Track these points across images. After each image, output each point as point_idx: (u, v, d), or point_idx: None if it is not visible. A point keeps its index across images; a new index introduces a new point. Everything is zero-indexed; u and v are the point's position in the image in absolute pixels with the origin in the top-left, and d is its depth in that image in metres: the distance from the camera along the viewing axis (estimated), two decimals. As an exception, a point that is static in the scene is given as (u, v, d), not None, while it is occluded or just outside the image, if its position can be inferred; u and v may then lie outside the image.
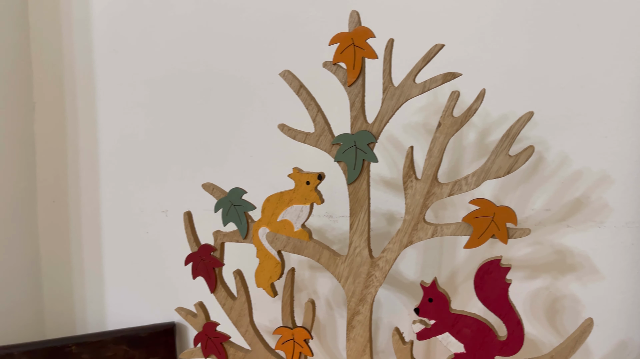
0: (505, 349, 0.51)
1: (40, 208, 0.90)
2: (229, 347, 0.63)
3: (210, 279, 0.62)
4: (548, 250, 0.63)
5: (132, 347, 0.77)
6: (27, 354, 0.73)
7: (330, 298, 0.74)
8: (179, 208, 0.81)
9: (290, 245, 0.58)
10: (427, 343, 0.69)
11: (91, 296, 0.88)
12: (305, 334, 0.59)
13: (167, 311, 0.83)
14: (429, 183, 0.52)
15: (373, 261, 0.55)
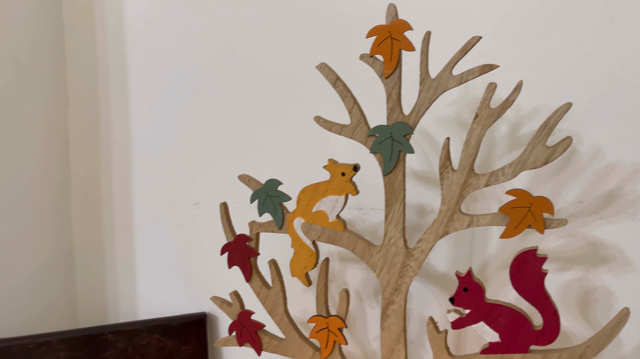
0: (541, 338, 0.52)
1: (73, 200, 0.92)
2: (263, 335, 0.64)
3: (246, 268, 0.64)
4: (580, 242, 0.63)
5: (165, 336, 0.79)
6: (64, 341, 0.75)
7: (361, 289, 0.75)
8: (210, 201, 0.82)
9: (325, 235, 0.59)
10: (458, 333, 0.70)
11: (123, 286, 0.90)
12: (339, 323, 0.60)
13: (198, 302, 0.84)
14: (465, 174, 0.52)
15: (408, 252, 0.56)
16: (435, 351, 0.57)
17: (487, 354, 0.54)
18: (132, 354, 0.77)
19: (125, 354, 0.77)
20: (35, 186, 0.85)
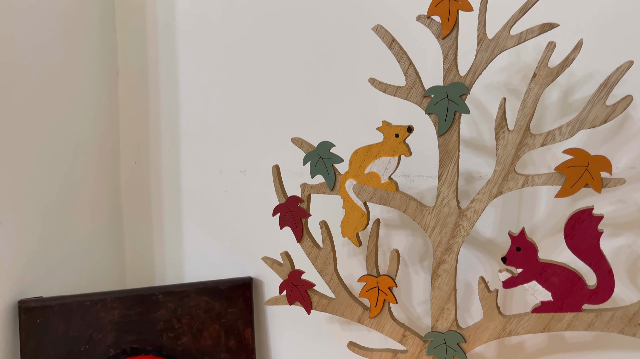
0: (595, 297, 0.52)
1: (123, 169, 0.95)
2: (313, 294, 0.66)
3: (297, 229, 0.65)
4: (632, 207, 0.63)
5: (213, 298, 0.81)
6: (118, 300, 0.78)
7: (406, 255, 0.76)
8: (257, 168, 0.84)
9: (377, 196, 0.60)
10: (505, 296, 0.70)
11: (170, 252, 0.92)
12: (390, 282, 0.61)
13: (243, 268, 0.86)
14: (521, 134, 0.53)
15: (461, 212, 0.57)
16: (486, 310, 0.58)
17: (538, 313, 0.55)
18: (181, 315, 0.80)
19: (175, 315, 0.80)
20: (87, 156, 0.88)
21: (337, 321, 0.81)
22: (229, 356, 0.82)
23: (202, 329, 0.81)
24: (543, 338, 0.68)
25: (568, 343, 0.67)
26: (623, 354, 0.64)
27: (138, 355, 0.79)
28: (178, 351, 0.80)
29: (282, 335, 0.85)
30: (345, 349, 0.80)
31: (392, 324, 0.63)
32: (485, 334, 0.58)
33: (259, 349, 0.86)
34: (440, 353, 0.60)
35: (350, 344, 0.67)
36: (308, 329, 0.83)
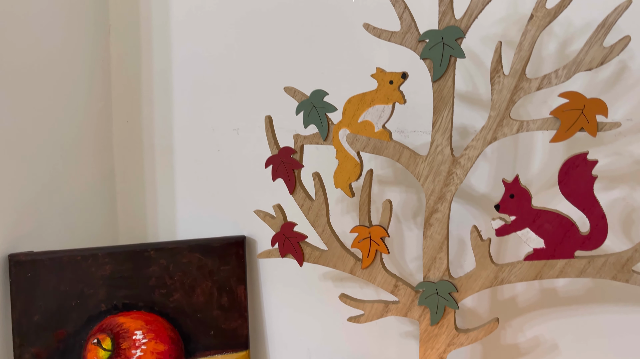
0: (588, 243, 0.52)
1: (115, 127, 0.93)
2: (305, 247, 0.66)
3: (290, 180, 0.65)
4: (627, 160, 0.62)
5: (205, 256, 0.81)
6: (110, 256, 0.77)
7: (399, 212, 0.75)
8: (250, 126, 0.83)
9: (371, 145, 0.60)
10: (498, 246, 0.70)
11: (163, 211, 0.92)
12: (382, 232, 0.61)
13: (236, 226, 0.86)
14: (517, 78, 0.52)
15: (455, 159, 0.56)
16: (478, 258, 0.57)
17: (531, 261, 0.55)
18: (173, 271, 0.80)
19: (167, 271, 0.79)
20: (78, 114, 0.87)
21: (330, 278, 0.81)
22: (221, 313, 0.82)
23: (194, 286, 0.81)
24: (535, 293, 0.68)
25: (560, 297, 0.67)
26: (615, 308, 0.65)
27: (130, 311, 0.78)
28: (170, 307, 0.80)
29: (275, 293, 0.85)
30: (337, 305, 0.80)
31: (384, 275, 0.62)
32: (477, 283, 0.58)
33: (251, 306, 0.86)
34: (432, 302, 0.60)
35: (342, 296, 0.67)
36: (301, 287, 0.83)
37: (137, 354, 0.78)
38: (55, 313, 0.75)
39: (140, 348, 0.78)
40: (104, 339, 0.77)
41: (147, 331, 0.78)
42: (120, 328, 0.77)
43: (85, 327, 0.76)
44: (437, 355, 0.61)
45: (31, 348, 0.74)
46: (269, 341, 0.86)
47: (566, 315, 0.67)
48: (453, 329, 0.60)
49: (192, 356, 0.80)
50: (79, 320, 0.76)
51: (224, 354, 0.81)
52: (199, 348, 0.81)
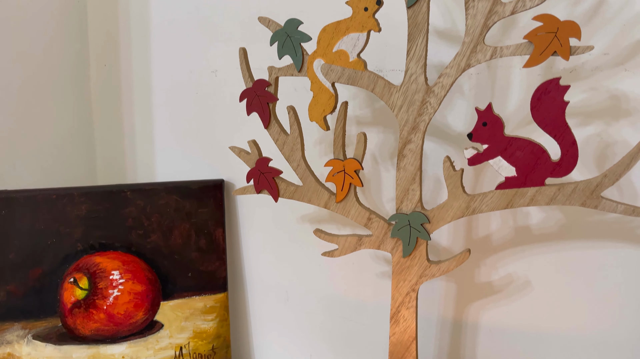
0: (558, 170, 0.52)
1: (92, 72, 0.92)
2: (280, 182, 0.65)
3: (265, 114, 0.64)
4: (603, 95, 0.62)
5: (183, 198, 0.81)
6: (86, 195, 0.77)
7: (376, 152, 0.75)
8: (228, 68, 0.82)
9: (345, 76, 0.59)
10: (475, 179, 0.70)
11: (142, 156, 0.91)
12: (356, 164, 0.61)
13: (215, 170, 0.86)
14: (491, 2, 0.51)
15: (428, 88, 0.56)
16: (451, 189, 0.57)
17: (502, 190, 0.55)
18: (150, 213, 0.79)
19: (145, 212, 0.79)
20: (54, 57, 0.85)
21: (307, 221, 0.81)
22: (199, 255, 0.82)
23: (172, 227, 0.80)
24: (509, 231, 0.69)
25: (534, 234, 0.67)
26: (586, 244, 0.65)
27: (106, 251, 0.78)
28: (147, 248, 0.80)
29: (254, 237, 0.85)
30: (315, 248, 0.80)
31: (358, 208, 0.62)
32: (449, 213, 0.58)
33: (230, 249, 0.86)
34: (404, 234, 0.60)
35: (317, 231, 0.67)
36: (279, 232, 0.83)
37: (115, 294, 0.78)
38: (30, 252, 0.75)
39: (117, 288, 0.78)
40: (80, 279, 0.77)
41: (124, 272, 0.79)
42: (97, 267, 0.78)
43: (61, 266, 0.76)
44: (409, 287, 0.61)
45: (6, 285, 0.74)
46: (247, 284, 0.87)
47: (539, 252, 0.67)
48: (425, 260, 0.60)
49: (170, 297, 0.81)
50: (55, 259, 0.76)
51: (202, 296, 0.82)
52: (177, 289, 0.81)
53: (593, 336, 0.66)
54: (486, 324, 0.72)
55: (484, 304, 0.71)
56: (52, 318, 0.76)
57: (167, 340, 0.80)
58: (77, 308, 0.77)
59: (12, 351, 0.74)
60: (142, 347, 0.80)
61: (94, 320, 0.77)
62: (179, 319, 0.81)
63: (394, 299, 0.63)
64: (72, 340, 0.77)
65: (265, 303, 0.86)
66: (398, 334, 0.63)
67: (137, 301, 0.79)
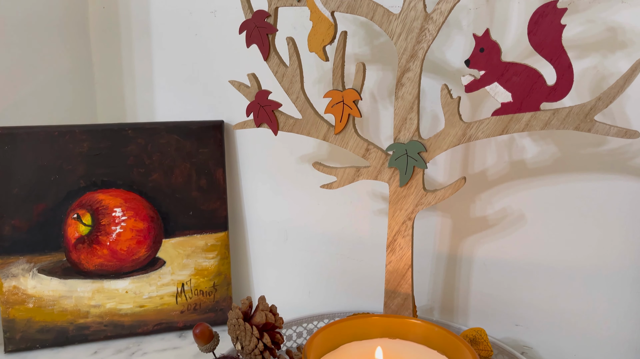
0: (553, 94, 0.53)
1: (91, 14, 0.92)
2: (279, 115, 0.66)
3: (264, 46, 0.64)
4: (600, 27, 0.63)
5: (184, 138, 0.81)
6: (88, 133, 0.78)
7: (375, 90, 0.76)
8: (228, 8, 0.82)
9: (345, 4, 0.59)
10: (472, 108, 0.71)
11: (141, 97, 0.92)
12: (355, 95, 0.62)
13: (215, 111, 0.86)
14: None
15: (427, 15, 0.56)
16: (448, 116, 0.58)
17: (498, 116, 0.56)
18: (152, 152, 0.80)
19: (146, 151, 0.80)
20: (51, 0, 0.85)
21: (307, 160, 0.82)
22: (200, 195, 0.83)
23: (172, 167, 0.82)
24: (504, 166, 0.70)
25: (528, 168, 0.69)
26: (580, 177, 0.66)
27: (108, 188, 0.80)
28: (149, 187, 0.81)
29: (254, 178, 0.87)
30: (314, 188, 0.82)
31: (356, 139, 0.63)
32: (446, 141, 0.59)
33: (230, 189, 0.88)
34: (402, 163, 0.61)
35: (316, 164, 0.68)
36: (278, 172, 0.85)
37: (117, 230, 0.80)
38: (34, 187, 0.76)
39: (120, 225, 0.80)
40: (83, 215, 0.78)
41: (127, 209, 0.80)
42: (100, 204, 0.79)
43: (64, 202, 0.78)
44: (406, 215, 0.63)
45: (11, 219, 0.75)
46: (247, 223, 0.89)
47: (533, 186, 0.69)
48: (421, 189, 0.62)
49: (171, 235, 0.83)
50: (59, 195, 0.77)
51: (203, 234, 0.84)
52: (178, 227, 0.83)
53: (585, 268, 0.68)
54: (480, 258, 0.74)
55: (479, 239, 0.73)
56: (56, 252, 0.78)
57: (169, 277, 0.82)
58: (81, 244, 0.78)
59: (17, 284, 0.76)
60: (145, 283, 0.82)
61: (98, 256, 0.79)
62: (180, 256, 0.83)
63: (390, 228, 0.64)
64: (77, 274, 0.79)
65: (265, 242, 0.88)
66: (394, 262, 0.65)
67: (140, 238, 0.81)
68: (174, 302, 0.83)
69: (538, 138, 0.67)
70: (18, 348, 0.77)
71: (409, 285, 0.65)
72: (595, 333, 0.69)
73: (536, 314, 0.72)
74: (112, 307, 0.80)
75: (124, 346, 0.79)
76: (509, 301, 0.73)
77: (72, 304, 0.78)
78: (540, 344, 0.73)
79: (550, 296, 0.71)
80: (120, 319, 0.81)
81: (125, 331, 0.81)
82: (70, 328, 0.79)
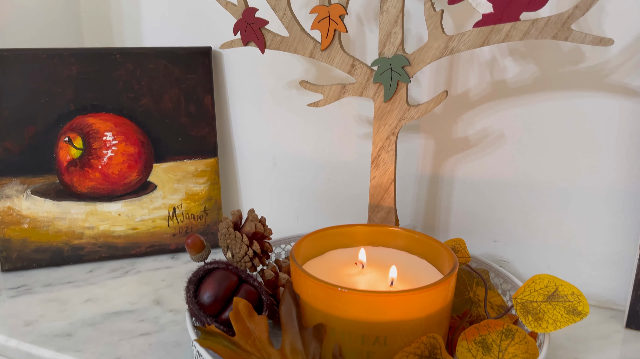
0: (533, 3, 0.54)
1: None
2: (267, 33, 0.67)
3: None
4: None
5: (172, 63, 0.82)
6: (76, 56, 0.78)
7: (362, 13, 0.76)
8: None
9: None
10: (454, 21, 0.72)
11: (128, 23, 0.92)
12: (340, 9, 0.63)
13: (202, 38, 0.87)
14: None
15: None
16: (431, 29, 0.60)
17: (479, 27, 0.57)
18: (140, 76, 0.81)
19: (135, 76, 0.81)
20: None
21: (294, 87, 0.83)
22: (189, 121, 0.84)
23: (161, 92, 0.82)
24: (486, 86, 0.72)
25: (509, 87, 0.71)
26: (560, 94, 0.68)
27: (99, 112, 0.81)
28: (138, 112, 0.82)
29: (242, 105, 0.88)
30: (301, 113, 0.83)
31: (342, 55, 0.65)
32: (429, 54, 0.61)
33: (219, 116, 0.89)
34: (386, 78, 0.63)
35: (302, 82, 0.69)
36: (266, 99, 0.86)
37: (108, 154, 0.81)
38: (24, 110, 0.77)
39: (111, 149, 0.81)
40: (74, 138, 0.80)
41: (117, 133, 0.81)
42: (90, 128, 0.80)
43: (55, 125, 0.79)
44: (390, 130, 0.65)
45: (3, 142, 0.76)
46: (236, 150, 0.90)
47: (514, 105, 0.71)
48: (405, 103, 0.64)
49: (162, 160, 0.84)
50: (49, 118, 0.78)
51: (193, 160, 0.85)
52: (168, 152, 0.84)
53: (560, 184, 0.71)
54: (461, 178, 0.76)
55: (460, 159, 0.76)
56: (49, 174, 0.79)
57: (161, 200, 0.85)
58: (73, 167, 0.80)
59: (12, 204, 0.78)
60: (137, 206, 0.84)
61: (90, 179, 0.81)
62: (171, 181, 0.85)
63: (374, 144, 0.67)
64: (70, 197, 0.81)
65: (254, 168, 0.90)
66: (378, 177, 0.67)
67: (131, 162, 0.82)
68: (165, 225, 0.86)
69: (519, 57, 0.69)
70: (15, 267, 0.79)
71: (392, 199, 0.67)
72: (568, 246, 0.73)
73: (513, 230, 0.75)
74: (106, 229, 0.83)
75: (118, 266, 0.82)
76: (488, 219, 0.76)
77: (66, 225, 0.81)
78: (516, 259, 0.76)
79: (526, 212, 0.74)
80: (114, 241, 0.83)
81: (119, 253, 0.84)
82: (65, 249, 0.81)
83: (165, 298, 0.73)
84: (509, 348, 0.53)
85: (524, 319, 0.53)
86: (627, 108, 0.66)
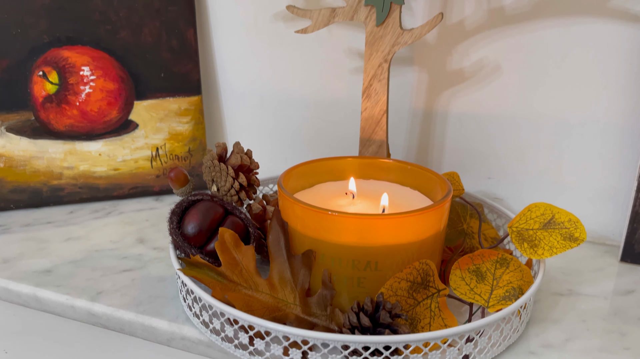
0: None
1: None
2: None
3: None
4: None
5: (152, -7, 0.78)
6: (48, -16, 0.73)
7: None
8: None
9: None
10: None
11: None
12: None
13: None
14: None
15: None
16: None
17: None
18: (118, 7, 0.76)
19: (112, 6, 0.76)
20: None
21: (281, 19, 0.79)
22: (171, 56, 0.80)
23: (141, 25, 0.78)
24: (483, 14, 0.68)
25: (506, 15, 0.67)
26: (559, 21, 0.65)
27: (74, 44, 0.76)
28: (117, 45, 0.78)
29: (227, 40, 0.84)
30: (289, 48, 0.80)
31: (332, -24, 0.61)
32: (424, -28, 0.57)
33: (202, 53, 0.85)
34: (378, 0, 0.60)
35: (289, 6, 0.66)
36: (252, 33, 0.82)
37: (86, 90, 0.78)
38: (-5, 41, 0.73)
39: (89, 85, 0.78)
40: (49, 72, 0.76)
41: (95, 68, 0.78)
42: (66, 62, 0.76)
43: (29, 58, 0.75)
44: (382, 57, 0.62)
45: (-27, 75, 0.72)
46: (221, 88, 0.87)
47: (511, 34, 0.68)
48: (398, 27, 0.60)
49: (143, 97, 0.81)
50: (22, 50, 0.74)
51: (176, 98, 0.82)
52: (150, 89, 0.81)
53: (556, 117, 0.69)
54: (455, 112, 0.74)
55: (454, 93, 0.73)
56: (24, 111, 0.76)
57: (143, 140, 0.81)
58: (49, 103, 0.76)
59: (-14, 142, 0.74)
60: (118, 146, 0.81)
61: (67, 116, 0.77)
62: (153, 120, 0.81)
63: (366, 72, 0.63)
64: (47, 135, 0.77)
65: (240, 108, 0.87)
66: (369, 108, 0.65)
67: (110, 99, 0.79)
68: (149, 166, 0.82)
69: (518, -18, 0.66)
70: (-8, 208, 0.76)
71: (383, 132, 0.65)
72: (563, 181, 0.71)
73: (508, 166, 0.73)
74: (86, 169, 0.80)
75: (100, 207, 0.80)
76: (482, 155, 0.74)
77: (44, 165, 0.77)
78: (510, 196, 0.75)
79: (521, 147, 0.72)
80: (95, 182, 0.80)
81: (101, 194, 0.81)
82: (44, 189, 0.78)
83: (149, 236, 0.71)
84: (504, 276, 0.51)
85: (519, 246, 0.52)
86: (628, 35, 0.63)
